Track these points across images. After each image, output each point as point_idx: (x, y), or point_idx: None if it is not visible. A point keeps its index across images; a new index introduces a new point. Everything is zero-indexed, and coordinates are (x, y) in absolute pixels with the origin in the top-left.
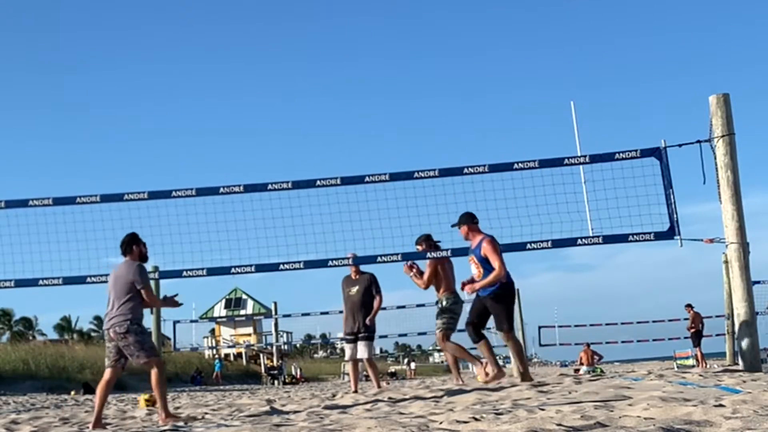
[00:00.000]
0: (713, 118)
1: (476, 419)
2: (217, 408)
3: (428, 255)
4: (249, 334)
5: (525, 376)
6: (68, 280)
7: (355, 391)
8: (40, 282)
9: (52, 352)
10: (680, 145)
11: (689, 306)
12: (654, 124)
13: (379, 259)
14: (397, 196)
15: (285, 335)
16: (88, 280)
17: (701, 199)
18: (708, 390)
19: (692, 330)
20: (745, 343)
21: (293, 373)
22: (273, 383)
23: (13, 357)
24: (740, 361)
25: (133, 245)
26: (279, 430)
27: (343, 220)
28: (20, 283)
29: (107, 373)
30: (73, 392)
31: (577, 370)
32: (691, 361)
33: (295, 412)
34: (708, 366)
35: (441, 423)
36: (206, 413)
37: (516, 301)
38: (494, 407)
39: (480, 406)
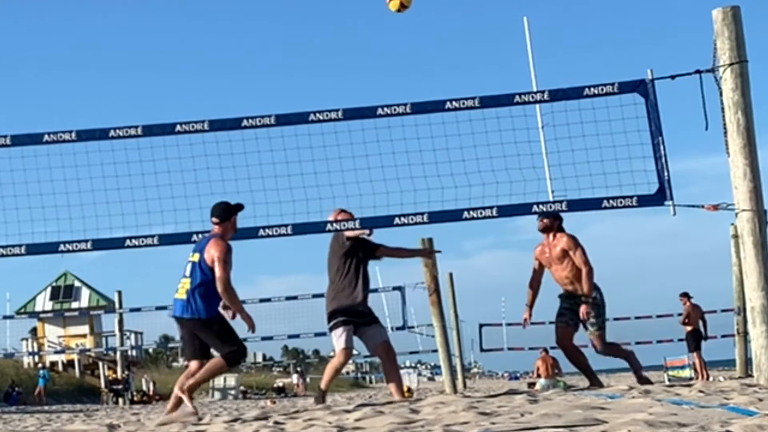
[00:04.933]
0: (718, 39)
1: None
2: None
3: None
4: (84, 335)
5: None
6: None
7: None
8: None
9: None
10: (673, 77)
11: (685, 295)
12: (638, 49)
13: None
14: (286, 147)
15: (133, 336)
16: None
17: (702, 152)
18: (711, 411)
19: (688, 329)
20: (761, 347)
21: (144, 388)
22: (117, 402)
23: None
24: (755, 372)
25: None
26: None
27: (211, 180)
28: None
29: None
30: None
31: (532, 384)
32: (687, 372)
33: None
34: (711, 378)
35: None
36: None
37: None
38: None
39: None
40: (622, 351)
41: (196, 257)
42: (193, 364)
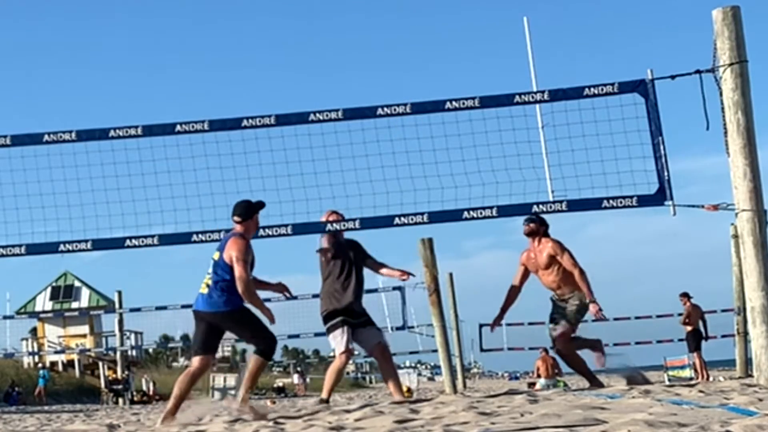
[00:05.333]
0: (718, 39)
1: None
2: None
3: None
4: (84, 335)
5: None
6: None
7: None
8: None
9: None
10: (673, 77)
11: (685, 296)
12: (638, 49)
13: (264, 232)
14: (286, 147)
15: (133, 336)
16: None
17: (702, 152)
18: (711, 411)
19: (688, 329)
20: (761, 347)
21: (144, 388)
22: (117, 402)
23: None
24: (755, 372)
25: None
26: None
27: (211, 179)
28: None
29: None
30: None
31: (532, 384)
32: (687, 372)
33: None
34: (711, 378)
35: None
36: None
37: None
38: None
39: None
40: (586, 342)
41: (217, 255)
42: (196, 360)
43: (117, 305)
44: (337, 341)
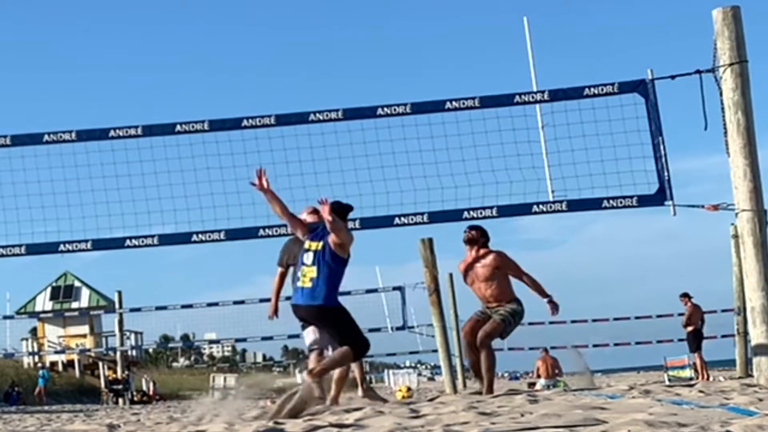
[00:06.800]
0: (718, 39)
1: None
2: None
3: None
4: (84, 335)
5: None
6: None
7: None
8: None
9: None
10: (673, 77)
11: (686, 296)
12: (638, 49)
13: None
14: (286, 147)
15: (133, 336)
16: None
17: (702, 152)
18: (711, 411)
19: (689, 329)
20: (761, 347)
21: (144, 388)
22: (117, 402)
23: None
24: (755, 372)
25: None
26: None
27: (211, 179)
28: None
29: None
30: None
31: (532, 384)
32: (687, 372)
33: None
34: (711, 378)
35: None
36: None
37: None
38: None
39: None
40: (490, 360)
41: (318, 245)
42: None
43: (117, 305)
44: (309, 338)
